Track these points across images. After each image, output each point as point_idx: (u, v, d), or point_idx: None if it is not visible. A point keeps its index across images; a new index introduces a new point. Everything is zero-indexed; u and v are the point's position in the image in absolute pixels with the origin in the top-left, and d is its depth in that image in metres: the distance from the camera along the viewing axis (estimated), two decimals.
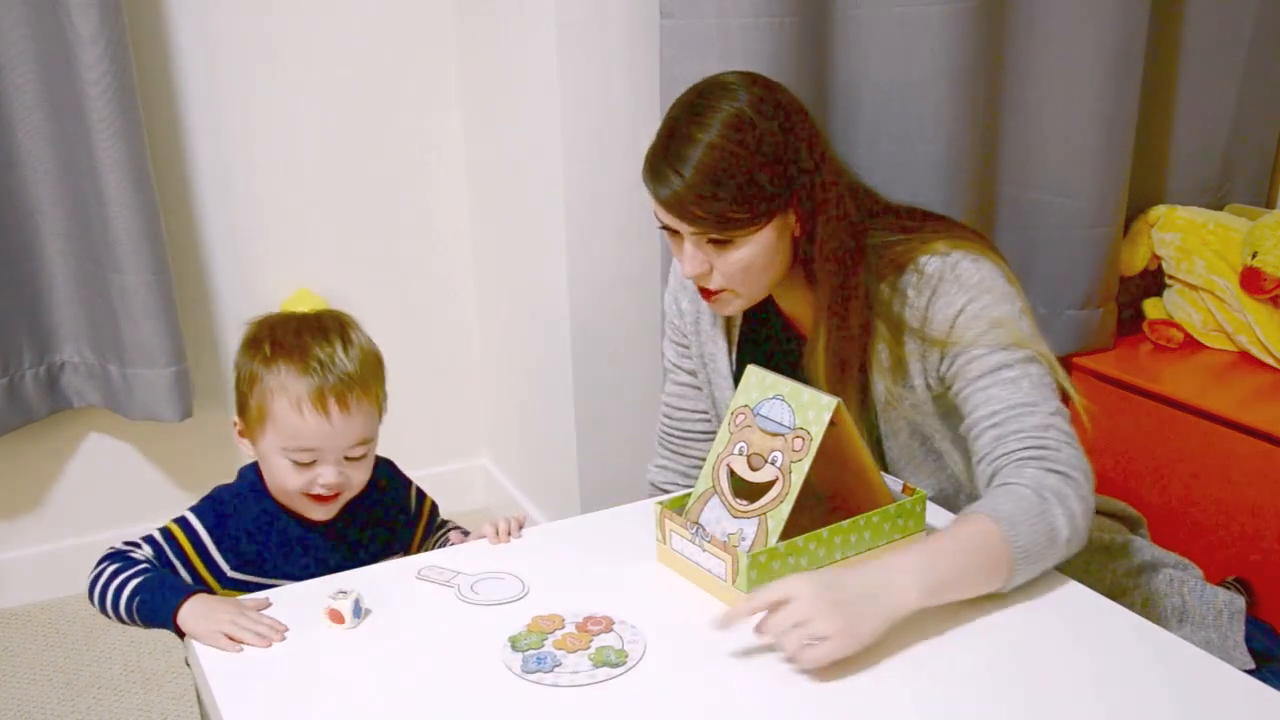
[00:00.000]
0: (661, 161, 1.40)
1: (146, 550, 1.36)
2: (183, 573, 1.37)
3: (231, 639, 1.21)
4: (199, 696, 1.29)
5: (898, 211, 1.53)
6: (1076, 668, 1.18)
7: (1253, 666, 1.50)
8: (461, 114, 2.56)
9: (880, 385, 1.48)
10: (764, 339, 1.60)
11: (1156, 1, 2.19)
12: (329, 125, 2.47)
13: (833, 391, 1.47)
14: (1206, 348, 2.35)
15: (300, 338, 1.35)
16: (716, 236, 1.40)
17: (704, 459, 1.67)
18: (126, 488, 2.51)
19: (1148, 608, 1.55)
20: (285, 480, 1.36)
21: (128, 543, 1.36)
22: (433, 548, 1.54)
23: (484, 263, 2.63)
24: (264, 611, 1.27)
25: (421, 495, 1.55)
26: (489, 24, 2.34)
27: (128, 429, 2.45)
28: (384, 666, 1.19)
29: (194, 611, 1.25)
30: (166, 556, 1.37)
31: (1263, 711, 1.11)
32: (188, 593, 1.27)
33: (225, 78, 2.36)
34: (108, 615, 1.32)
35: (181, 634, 1.27)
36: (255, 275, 2.49)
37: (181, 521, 1.39)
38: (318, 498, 1.37)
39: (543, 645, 1.20)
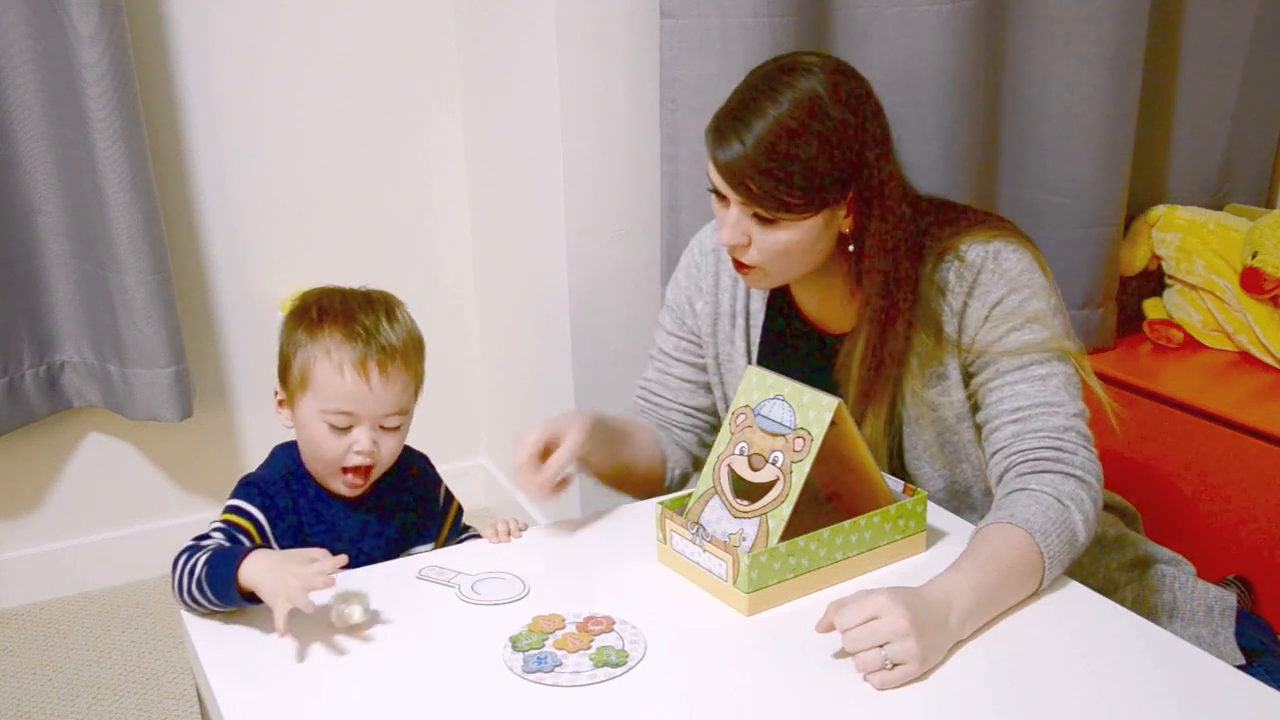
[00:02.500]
0: (727, 125, 1.37)
1: (218, 537, 1.36)
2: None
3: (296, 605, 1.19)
4: (199, 696, 1.29)
5: (935, 203, 1.52)
6: (1069, 663, 1.18)
7: (1243, 663, 1.51)
8: (461, 113, 2.56)
9: (914, 383, 1.47)
10: (786, 342, 1.59)
11: (1156, 1, 2.19)
12: (329, 125, 2.47)
13: (864, 391, 1.46)
14: (1206, 348, 2.35)
15: (347, 306, 1.41)
16: (764, 214, 1.39)
17: (677, 437, 1.66)
18: (126, 488, 2.51)
19: (1139, 603, 1.55)
20: (321, 446, 1.38)
21: (196, 538, 1.35)
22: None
23: (484, 262, 2.64)
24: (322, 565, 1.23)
25: (450, 496, 1.56)
26: (489, 24, 2.34)
27: (128, 429, 2.45)
28: (384, 666, 1.19)
29: (258, 566, 1.23)
30: (238, 540, 1.36)
31: (1253, 707, 1.11)
32: (248, 550, 1.26)
33: (225, 78, 2.36)
34: (190, 606, 1.29)
35: (246, 596, 1.24)
36: (255, 275, 2.49)
37: (235, 509, 1.40)
38: (350, 469, 1.39)
39: (543, 645, 1.20)
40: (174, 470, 2.54)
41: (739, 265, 1.47)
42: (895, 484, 1.39)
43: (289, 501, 1.42)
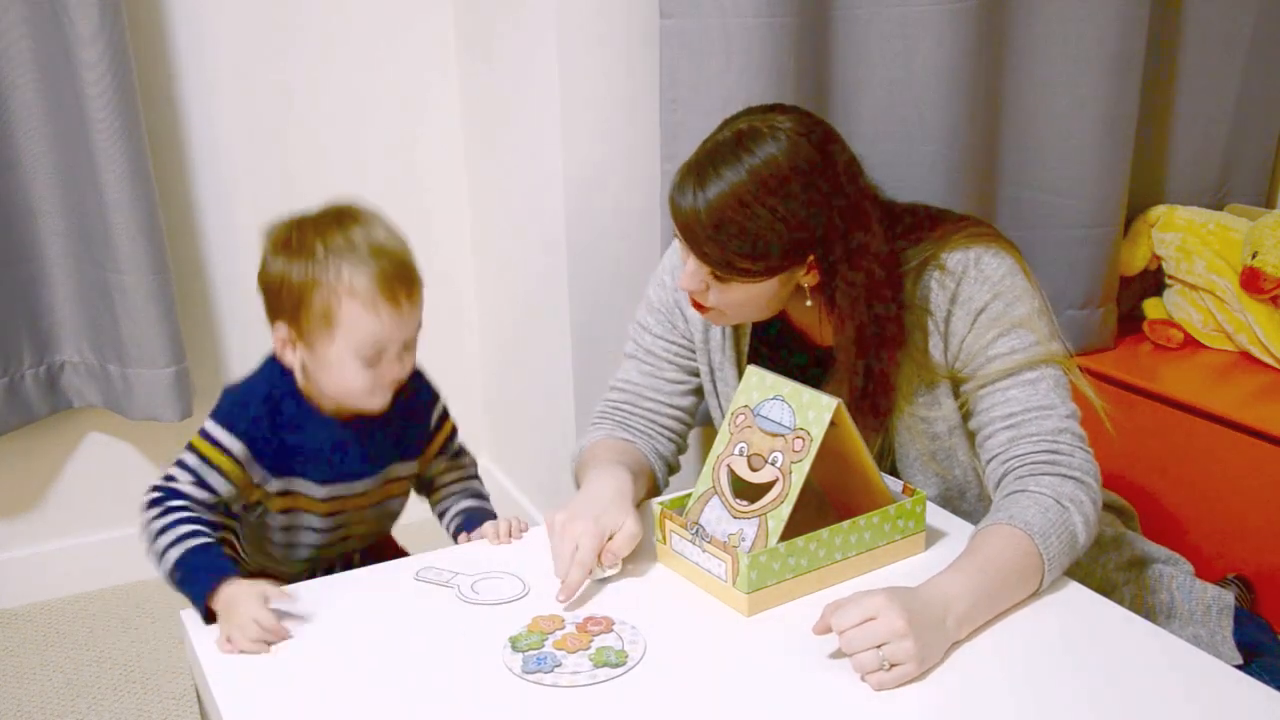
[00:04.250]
0: (688, 180, 1.37)
1: (186, 484, 1.34)
2: (224, 488, 1.36)
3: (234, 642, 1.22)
4: (199, 696, 1.29)
5: (912, 212, 1.50)
6: (1066, 662, 1.18)
7: (1241, 662, 1.51)
8: (461, 115, 2.56)
9: (903, 400, 1.47)
10: (776, 352, 1.58)
11: (1156, 1, 2.19)
12: (329, 125, 2.47)
13: (858, 416, 1.45)
14: (1206, 348, 2.35)
15: (346, 231, 1.34)
16: (719, 274, 1.39)
17: (650, 430, 1.63)
18: (126, 488, 2.49)
19: (1137, 603, 1.55)
20: (352, 382, 1.35)
21: (166, 478, 1.34)
22: (448, 477, 1.58)
23: (484, 263, 2.64)
24: (284, 604, 1.25)
25: (445, 415, 1.54)
26: (489, 25, 2.34)
27: (128, 429, 2.45)
28: (385, 666, 1.19)
29: (219, 603, 1.25)
30: (208, 484, 1.35)
31: (1251, 707, 1.11)
32: (217, 581, 1.26)
33: (225, 78, 2.36)
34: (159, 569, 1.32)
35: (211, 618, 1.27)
36: (255, 275, 2.48)
37: (208, 438, 1.37)
38: (382, 389, 1.37)
39: (543, 645, 1.20)
40: None
41: (699, 307, 1.46)
42: (895, 484, 1.39)
43: (270, 423, 1.38)
